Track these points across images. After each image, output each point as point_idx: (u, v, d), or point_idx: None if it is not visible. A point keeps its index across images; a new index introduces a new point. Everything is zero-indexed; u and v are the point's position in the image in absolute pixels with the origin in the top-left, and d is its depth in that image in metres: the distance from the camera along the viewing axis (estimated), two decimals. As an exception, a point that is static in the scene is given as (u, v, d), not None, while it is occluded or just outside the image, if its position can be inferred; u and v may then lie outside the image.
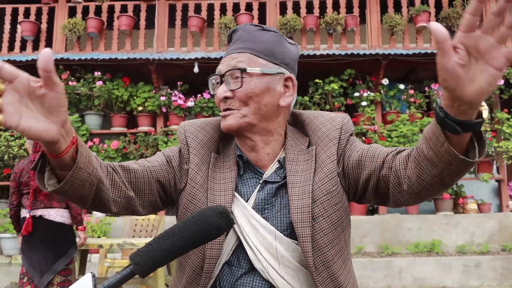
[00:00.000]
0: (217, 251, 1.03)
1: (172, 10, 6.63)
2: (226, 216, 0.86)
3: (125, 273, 0.82)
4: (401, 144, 5.66)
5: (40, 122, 0.72)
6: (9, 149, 5.73)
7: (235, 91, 1.05)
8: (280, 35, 1.12)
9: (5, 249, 5.30)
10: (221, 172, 1.10)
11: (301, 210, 1.02)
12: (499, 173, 6.18)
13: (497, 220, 5.68)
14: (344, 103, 6.14)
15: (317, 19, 6.40)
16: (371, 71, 6.25)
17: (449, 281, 5.08)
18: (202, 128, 1.15)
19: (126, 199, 1.01)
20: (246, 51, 1.07)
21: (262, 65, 1.06)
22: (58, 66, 6.17)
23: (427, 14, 6.33)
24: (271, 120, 1.09)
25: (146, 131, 6.07)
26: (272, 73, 1.07)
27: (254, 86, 1.05)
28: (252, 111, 1.06)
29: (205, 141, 1.13)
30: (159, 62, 6.03)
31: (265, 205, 1.07)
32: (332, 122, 1.12)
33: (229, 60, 1.07)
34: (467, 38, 0.69)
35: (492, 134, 5.90)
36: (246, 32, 1.10)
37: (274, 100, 1.07)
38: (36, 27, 6.50)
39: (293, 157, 1.10)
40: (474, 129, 0.77)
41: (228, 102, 1.07)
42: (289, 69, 1.11)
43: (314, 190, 1.04)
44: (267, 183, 1.09)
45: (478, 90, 0.69)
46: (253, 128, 1.08)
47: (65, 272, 3.39)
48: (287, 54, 1.11)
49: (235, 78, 1.06)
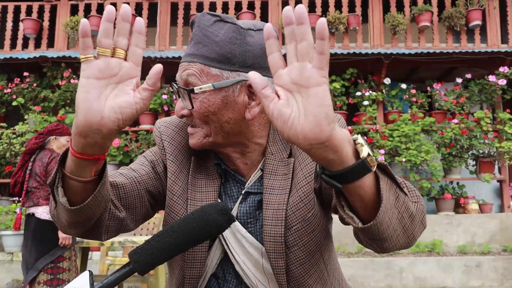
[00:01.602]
0: (198, 270, 0.95)
1: (174, 8, 6.63)
2: (226, 214, 0.84)
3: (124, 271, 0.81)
4: (402, 143, 5.65)
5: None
6: (11, 147, 5.74)
7: (191, 110, 0.92)
8: (239, 28, 0.92)
9: (6, 247, 5.31)
10: (203, 178, 0.99)
11: (273, 239, 0.92)
12: (500, 173, 6.16)
13: (498, 220, 5.67)
14: (346, 102, 6.14)
15: (319, 18, 6.39)
16: (373, 70, 6.24)
17: (450, 281, 5.07)
18: (180, 128, 1.02)
19: (118, 221, 0.91)
20: (197, 60, 0.90)
21: (214, 77, 0.89)
22: (60, 64, 6.18)
23: (430, 13, 6.31)
24: (240, 134, 0.95)
25: (148, 129, 6.07)
26: (228, 85, 0.90)
27: (208, 105, 0.90)
28: (214, 130, 0.92)
29: (183, 144, 1.01)
30: (161, 61, 6.03)
31: (248, 219, 0.97)
32: None
33: (182, 70, 0.93)
34: (278, 78, 0.63)
35: (494, 134, 5.89)
36: (200, 29, 0.93)
37: (237, 114, 0.91)
38: (38, 25, 6.51)
39: (272, 169, 0.96)
40: (357, 176, 0.63)
41: (189, 119, 0.95)
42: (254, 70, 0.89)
43: (288, 216, 0.92)
44: (249, 194, 0.98)
45: (313, 121, 0.59)
46: (220, 145, 0.95)
47: (52, 270, 3.32)
48: (249, 53, 0.91)
49: (186, 96, 0.91)
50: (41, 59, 5.99)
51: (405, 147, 5.64)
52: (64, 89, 6.05)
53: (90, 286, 0.75)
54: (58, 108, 6.16)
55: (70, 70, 6.14)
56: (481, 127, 5.84)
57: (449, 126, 5.89)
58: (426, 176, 5.83)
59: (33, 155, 3.42)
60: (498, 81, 5.89)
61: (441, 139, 5.77)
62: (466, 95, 6.06)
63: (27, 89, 6.03)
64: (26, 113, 5.99)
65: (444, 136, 5.75)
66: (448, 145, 5.83)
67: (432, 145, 5.68)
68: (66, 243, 3.35)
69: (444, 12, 6.36)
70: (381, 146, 5.73)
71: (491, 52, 6.02)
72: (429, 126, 5.85)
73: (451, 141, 5.85)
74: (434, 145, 5.82)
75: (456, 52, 5.95)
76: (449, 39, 6.39)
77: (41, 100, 6.08)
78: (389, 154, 5.82)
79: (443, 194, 5.81)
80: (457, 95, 6.09)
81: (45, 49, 6.51)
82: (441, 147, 5.82)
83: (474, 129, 5.84)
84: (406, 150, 5.61)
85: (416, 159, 5.48)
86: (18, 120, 6.17)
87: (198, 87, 0.89)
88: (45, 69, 6.19)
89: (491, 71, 6.09)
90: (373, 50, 6.09)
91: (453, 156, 5.90)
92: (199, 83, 0.90)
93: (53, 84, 6.25)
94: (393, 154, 5.82)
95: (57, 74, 6.19)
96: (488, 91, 6.02)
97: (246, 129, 0.95)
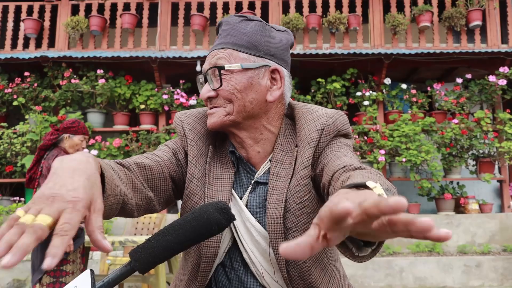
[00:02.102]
0: (214, 249, 1.00)
1: (175, 8, 6.64)
2: (226, 212, 0.86)
3: (125, 270, 0.82)
4: (403, 143, 5.66)
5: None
6: (12, 147, 5.75)
7: (218, 90, 1.00)
8: (264, 24, 1.04)
9: (7, 246, 5.32)
10: (218, 166, 1.06)
11: (274, 220, 0.97)
12: (501, 173, 6.17)
13: (498, 220, 5.68)
14: (346, 102, 6.14)
15: (319, 18, 6.40)
16: (373, 70, 6.25)
17: (450, 281, 5.08)
18: (199, 119, 1.10)
19: (147, 200, 0.97)
20: (226, 46, 1.01)
21: (242, 60, 1.00)
22: (60, 64, 6.19)
23: (430, 13, 6.31)
24: (258, 117, 1.03)
25: (148, 129, 6.08)
26: (254, 67, 1.00)
27: (235, 83, 0.99)
28: (236, 108, 1.00)
29: (202, 132, 1.08)
30: (162, 61, 6.04)
31: (257, 209, 1.02)
32: (316, 121, 1.01)
33: (210, 58, 1.02)
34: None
35: (494, 134, 5.89)
36: (228, 25, 1.03)
37: (260, 95, 1.01)
38: (39, 25, 6.52)
39: (279, 158, 1.03)
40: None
41: (213, 101, 1.02)
42: (276, 59, 1.03)
43: (288, 198, 0.98)
44: (259, 184, 1.04)
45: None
46: (238, 125, 1.02)
47: (55, 273, 3.24)
48: (273, 44, 1.03)
49: (216, 77, 1.00)
50: (42, 59, 6.00)
51: (405, 147, 5.65)
52: (65, 89, 6.06)
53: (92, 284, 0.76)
54: (59, 108, 6.17)
55: (71, 70, 6.14)
56: (481, 127, 5.85)
57: (449, 126, 5.89)
58: (426, 176, 5.84)
59: (47, 151, 3.38)
60: (498, 81, 5.90)
61: (441, 139, 5.78)
62: (466, 95, 6.07)
63: (28, 89, 6.04)
64: (27, 113, 6.00)
65: (444, 136, 5.75)
66: (448, 145, 5.84)
67: (432, 145, 5.69)
68: (67, 250, 3.24)
69: (444, 12, 6.37)
70: (381, 146, 5.74)
71: (491, 52, 6.02)
72: (429, 126, 5.86)
73: (451, 141, 5.86)
74: (434, 145, 5.82)
75: (456, 52, 5.95)
76: (449, 39, 6.39)
77: (42, 100, 6.09)
78: (389, 154, 5.82)
79: (443, 194, 5.81)
80: (457, 95, 6.09)
81: (46, 49, 6.52)
82: (441, 147, 5.82)
83: (474, 129, 5.85)
84: (406, 150, 5.62)
85: (416, 159, 5.48)
86: (19, 120, 6.18)
87: (228, 65, 0.99)
88: (45, 69, 6.20)
89: (491, 71, 6.10)
90: (374, 50, 6.10)
91: (453, 156, 5.90)
92: (228, 64, 0.99)
93: (53, 84, 6.25)
94: (393, 154, 5.83)
95: (57, 74, 6.20)
96: (488, 91, 6.03)
97: (264, 113, 1.03)
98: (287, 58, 1.07)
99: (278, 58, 1.03)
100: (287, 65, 1.06)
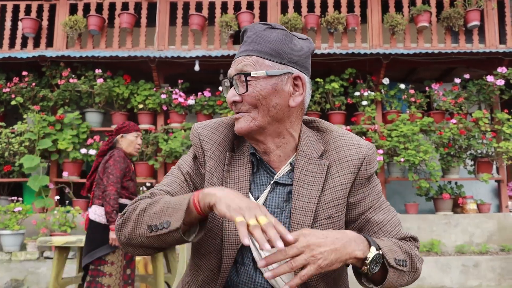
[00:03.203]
0: (233, 251, 1.05)
1: (173, 8, 6.63)
2: None
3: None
4: (401, 143, 5.66)
5: None
6: (10, 146, 5.73)
7: (243, 95, 1.05)
8: (288, 33, 1.10)
9: (5, 246, 5.30)
10: (236, 170, 1.11)
11: (300, 226, 1.03)
12: (498, 173, 6.18)
13: (496, 220, 5.69)
14: (344, 102, 6.15)
15: (318, 18, 6.40)
16: (371, 70, 6.25)
17: (447, 281, 5.08)
18: (215, 129, 1.15)
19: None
20: (252, 54, 1.06)
21: (267, 67, 1.05)
22: (59, 63, 6.18)
23: (428, 14, 6.32)
24: (282, 121, 1.08)
25: (147, 129, 6.07)
26: (279, 74, 1.05)
27: (260, 89, 1.04)
28: (261, 113, 1.05)
29: (219, 141, 1.13)
30: (160, 60, 6.03)
31: (276, 209, 1.08)
32: (358, 149, 1.09)
33: (236, 64, 1.07)
34: None
35: (492, 134, 5.90)
36: (254, 33, 1.08)
37: (283, 101, 1.06)
38: (37, 24, 6.50)
39: (303, 165, 1.08)
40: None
41: (238, 106, 1.07)
42: (298, 67, 1.09)
43: (318, 210, 1.05)
44: (278, 184, 1.09)
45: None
46: (264, 131, 1.07)
47: (92, 272, 3.21)
48: (296, 52, 1.09)
49: (241, 82, 1.06)
50: (40, 59, 5.99)
51: (404, 147, 5.66)
52: (63, 89, 6.05)
53: None
54: (57, 108, 6.16)
55: (69, 69, 6.13)
56: (479, 127, 5.86)
57: (447, 126, 5.90)
58: (424, 176, 5.84)
59: (105, 157, 3.41)
60: (496, 82, 5.91)
61: (439, 139, 5.78)
62: (465, 95, 6.07)
63: (26, 88, 6.03)
64: (25, 112, 5.98)
65: (442, 136, 5.76)
66: (447, 145, 5.85)
67: (431, 145, 5.70)
68: (117, 244, 3.20)
69: (443, 12, 6.37)
70: (379, 146, 5.75)
71: (489, 52, 6.03)
72: (427, 126, 5.87)
73: (449, 141, 5.87)
74: (433, 145, 5.83)
75: (454, 52, 5.96)
76: (447, 40, 6.40)
77: (40, 100, 6.08)
78: (387, 154, 5.83)
79: (441, 194, 5.82)
80: (455, 95, 6.10)
81: (44, 48, 6.50)
82: (440, 147, 5.83)
83: (472, 129, 5.86)
84: (404, 150, 5.63)
85: (414, 159, 5.49)
86: (17, 119, 6.16)
87: (254, 72, 1.04)
88: (44, 68, 6.18)
89: (489, 71, 6.11)
90: (372, 50, 6.10)
91: (451, 156, 5.91)
92: (254, 70, 1.05)
93: (52, 84, 6.24)
94: (391, 154, 5.83)
95: (56, 73, 6.19)
96: (486, 91, 6.04)
97: (287, 118, 1.09)
98: (308, 65, 1.13)
99: (300, 66, 1.09)
100: (308, 72, 1.12)
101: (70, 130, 5.93)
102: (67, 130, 5.93)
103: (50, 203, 5.67)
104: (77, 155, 5.84)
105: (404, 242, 1.08)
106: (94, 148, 5.87)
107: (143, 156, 5.95)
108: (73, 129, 5.96)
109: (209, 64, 6.15)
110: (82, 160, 6.00)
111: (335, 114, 6.14)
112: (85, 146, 5.95)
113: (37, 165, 5.59)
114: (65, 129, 5.96)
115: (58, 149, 5.94)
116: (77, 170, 6.04)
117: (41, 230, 5.32)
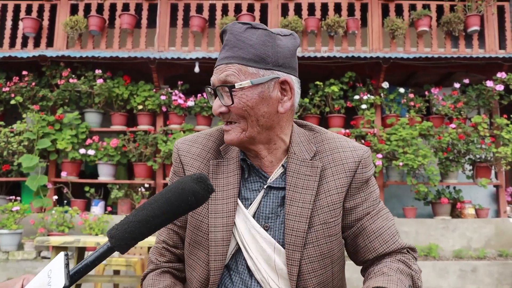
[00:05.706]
0: (221, 262, 1.02)
1: (174, 9, 6.63)
2: (203, 182, 0.85)
3: (103, 249, 0.79)
4: (400, 147, 5.66)
5: None
6: (9, 145, 5.73)
7: (230, 106, 1.00)
8: (270, 33, 1.01)
9: (2, 245, 5.29)
10: (224, 177, 1.07)
11: (295, 233, 1.00)
12: (497, 178, 6.18)
13: (494, 225, 5.69)
14: (344, 105, 6.15)
15: (318, 21, 6.41)
16: (371, 74, 6.26)
17: (445, 285, 5.08)
18: (194, 141, 1.13)
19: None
20: (234, 61, 0.99)
21: (252, 75, 0.99)
22: (59, 63, 6.18)
23: (429, 18, 6.34)
24: (272, 129, 1.04)
25: (146, 130, 6.07)
26: (264, 82, 0.99)
27: (247, 100, 0.99)
28: (250, 124, 1.01)
29: (197, 153, 1.10)
30: (160, 61, 6.03)
31: (270, 214, 1.04)
32: (354, 151, 1.06)
33: (219, 73, 1.01)
34: None
35: (491, 139, 5.91)
36: (234, 35, 1.01)
37: (271, 108, 1.01)
38: (37, 24, 6.50)
39: (295, 168, 1.04)
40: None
41: (225, 116, 1.03)
42: (284, 69, 1.02)
43: (313, 216, 1.01)
44: (271, 188, 1.06)
45: None
46: (254, 140, 1.04)
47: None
48: (280, 54, 1.01)
49: (226, 93, 1.00)
50: (40, 58, 5.98)
51: (403, 151, 5.66)
52: (63, 89, 6.04)
53: (65, 266, 0.75)
54: (57, 107, 6.15)
55: (69, 69, 6.13)
56: (478, 132, 5.86)
57: (446, 130, 5.90)
58: (423, 180, 5.84)
59: None
60: (495, 87, 5.92)
61: (438, 143, 5.79)
62: (464, 100, 6.08)
63: (26, 88, 6.02)
64: (24, 112, 5.98)
65: (441, 140, 5.76)
66: (445, 150, 5.85)
67: (429, 150, 5.70)
68: None
69: (443, 17, 6.39)
70: (378, 150, 5.75)
71: (488, 57, 6.04)
72: (426, 130, 5.87)
73: (448, 146, 5.87)
74: (431, 149, 5.84)
75: (454, 57, 5.97)
76: (447, 44, 6.41)
77: (40, 99, 6.07)
78: (386, 158, 5.83)
79: (439, 198, 5.82)
80: (454, 100, 6.11)
81: (44, 48, 6.50)
82: (438, 152, 5.83)
83: (471, 134, 5.86)
84: (403, 154, 5.63)
85: (413, 163, 5.49)
86: (16, 118, 6.16)
87: (238, 83, 0.98)
88: (44, 68, 6.18)
89: (488, 76, 6.12)
90: (372, 54, 6.11)
91: (450, 160, 5.92)
92: (237, 81, 0.98)
93: (51, 83, 6.24)
94: (390, 158, 5.83)
95: (56, 73, 6.19)
96: (485, 96, 6.05)
97: (277, 124, 1.04)
98: (295, 64, 1.07)
99: (286, 67, 1.03)
100: (295, 71, 1.06)
101: (69, 130, 5.92)
102: (66, 130, 5.93)
103: (48, 203, 5.66)
104: (76, 155, 5.84)
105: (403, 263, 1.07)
106: (93, 148, 5.86)
107: (142, 157, 5.94)
108: (72, 129, 5.96)
109: (209, 66, 6.15)
110: (81, 160, 6.00)
111: (334, 117, 6.14)
112: (84, 146, 5.94)
113: (35, 165, 5.58)
114: (64, 129, 5.95)
115: (57, 149, 5.93)
116: (76, 170, 6.03)
117: (39, 230, 5.31)
